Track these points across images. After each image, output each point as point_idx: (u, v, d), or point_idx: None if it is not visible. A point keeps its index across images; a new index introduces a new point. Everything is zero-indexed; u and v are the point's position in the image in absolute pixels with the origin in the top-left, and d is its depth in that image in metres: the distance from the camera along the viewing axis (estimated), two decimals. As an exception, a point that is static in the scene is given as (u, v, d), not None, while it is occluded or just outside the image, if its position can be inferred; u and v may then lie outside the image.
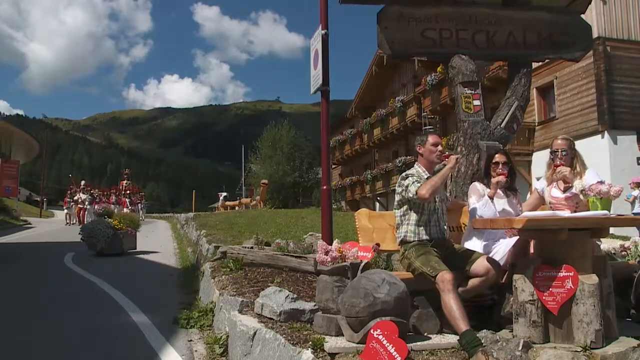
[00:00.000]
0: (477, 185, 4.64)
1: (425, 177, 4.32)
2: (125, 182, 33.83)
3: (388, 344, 3.14)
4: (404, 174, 4.37)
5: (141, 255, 12.75)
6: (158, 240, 17.28)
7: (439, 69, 24.65)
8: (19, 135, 53.48)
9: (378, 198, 34.11)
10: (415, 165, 4.51)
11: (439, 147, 4.43)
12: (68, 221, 28.08)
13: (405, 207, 4.31)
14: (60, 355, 4.70)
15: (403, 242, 4.25)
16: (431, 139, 4.46)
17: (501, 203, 4.49)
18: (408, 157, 28.91)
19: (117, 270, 10.27)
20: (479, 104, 5.70)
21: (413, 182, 4.19)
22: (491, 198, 4.41)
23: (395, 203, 4.41)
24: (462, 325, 3.41)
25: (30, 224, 27.40)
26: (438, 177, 4.17)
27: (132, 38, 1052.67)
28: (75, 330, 5.55)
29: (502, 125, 5.76)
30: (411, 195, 4.15)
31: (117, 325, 5.78)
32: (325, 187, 5.88)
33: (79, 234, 13.29)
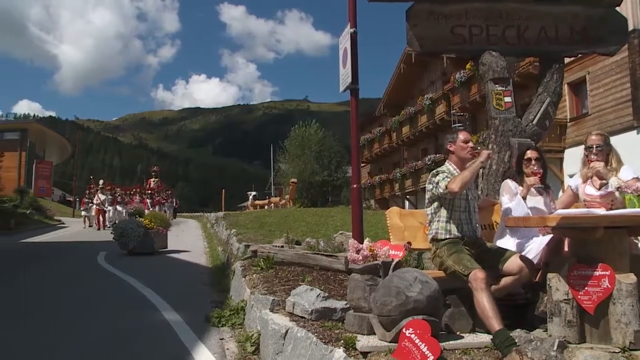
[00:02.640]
0: (510, 183, 4.59)
1: (457, 174, 4.27)
2: (153, 180, 33.82)
3: (420, 342, 3.12)
4: (434, 171, 4.34)
5: (172, 255, 12.89)
6: (188, 239, 17.43)
7: (467, 66, 24.40)
8: (52, 137, 54.49)
9: (407, 196, 33.95)
10: (445, 163, 4.45)
11: (470, 144, 4.38)
12: (85, 224, 26.25)
13: (436, 204, 4.27)
14: (95, 351, 4.77)
15: (434, 240, 4.22)
16: (462, 135, 4.40)
17: (534, 201, 4.43)
18: (437, 155, 28.68)
19: (149, 269, 10.39)
20: (510, 100, 5.63)
21: (443, 178, 4.16)
22: (524, 198, 4.35)
23: (426, 200, 4.37)
24: (496, 324, 3.37)
25: (63, 223, 27.87)
26: (468, 171, 4.13)
27: (160, 38, 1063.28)
28: (109, 328, 5.65)
29: (534, 122, 5.67)
30: (441, 191, 4.12)
31: (150, 323, 5.86)
32: (355, 186, 5.86)
33: (111, 233, 13.48)
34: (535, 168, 4.44)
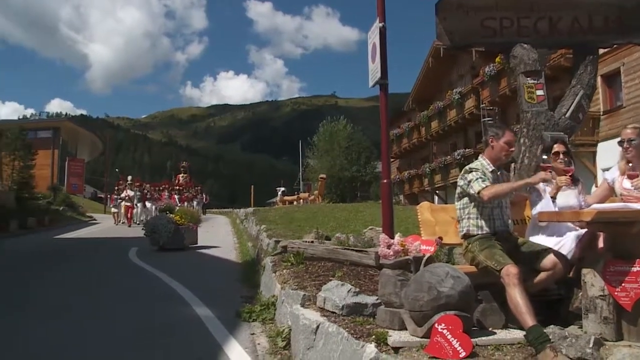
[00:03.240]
0: None
1: (490, 170, 4.23)
2: (182, 175, 33.89)
3: (452, 338, 3.09)
4: (468, 167, 4.29)
5: (202, 250, 13.00)
6: (218, 235, 17.58)
7: (497, 59, 24.15)
8: (84, 135, 55.30)
9: (437, 192, 33.75)
10: (480, 157, 4.39)
11: (512, 149, 4.33)
12: (116, 220, 25.92)
13: (465, 199, 4.23)
14: (127, 345, 4.84)
15: (466, 236, 4.18)
16: (507, 136, 4.30)
17: (564, 195, 4.35)
18: (467, 150, 28.48)
19: (180, 264, 10.50)
20: (542, 93, 5.54)
21: (477, 179, 4.09)
22: (553, 197, 4.28)
23: (457, 195, 4.33)
24: (529, 320, 3.32)
25: (95, 219, 28.28)
26: (508, 187, 4.10)
27: (188, 36, 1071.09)
28: (142, 321, 5.73)
29: (567, 115, 5.58)
30: (472, 192, 4.08)
31: (182, 317, 5.92)
32: (385, 181, 5.85)
33: (142, 229, 13.65)
34: (563, 163, 4.36)
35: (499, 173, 4.32)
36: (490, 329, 3.68)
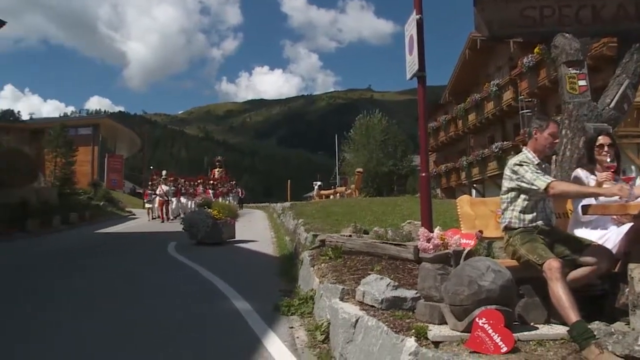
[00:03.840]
0: (580, 173, 4.41)
1: (536, 162, 4.11)
2: (217, 170, 33.94)
3: (494, 333, 3.05)
4: (516, 160, 4.17)
5: (240, 244, 13.10)
6: (255, 229, 17.70)
7: (536, 50, 23.71)
8: (122, 131, 56.15)
9: (474, 185, 33.39)
10: (524, 149, 4.28)
11: (556, 140, 4.23)
12: (150, 216, 25.68)
13: (514, 193, 4.14)
14: (168, 338, 4.91)
15: (507, 229, 4.12)
16: (551, 128, 4.19)
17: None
18: (505, 143, 28.08)
19: (218, 258, 10.60)
20: (585, 84, 5.43)
21: (533, 173, 3.97)
22: None
23: (504, 188, 4.23)
24: (573, 315, 3.25)
25: (134, 214, 28.72)
26: (575, 190, 4.01)
27: (223, 32, 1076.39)
28: (182, 314, 5.80)
29: (611, 106, 5.45)
30: (535, 188, 3.94)
31: (221, 310, 5.98)
32: (424, 174, 5.80)
33: (181, 223, 13.82)
34: (607, 158, 4.25)
35: (543, 166, 4.22)
36: (532, 324, 3.63)
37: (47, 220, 19.25)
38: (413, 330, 3.39)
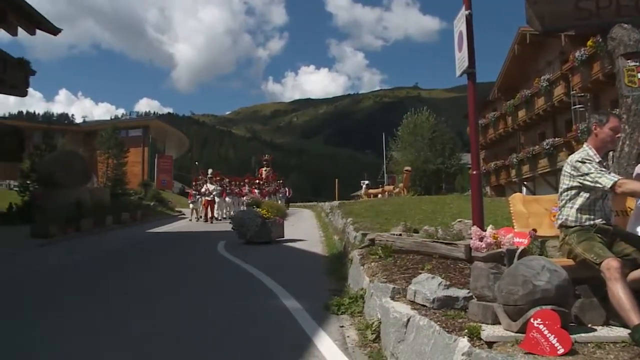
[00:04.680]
0: None
1: (597, 160, 3.97)
2: (264, 169, 33.99)
3: (549, 334, 2.99)
4: (578, 157, 4.03)
5: (289, 244, 13.17)
6: (304, 228, 17.76)
7: (588, 43, 23.11)
8: (171, 132, 57.19)
9: (525, 183, 32.81)
10: (584, 146, 4.14)
11: (618, 135, 4.07)
12: (193, 217, 25.11)
13: (573, 191, 4.02)
14: (220, 335, 4.98)
15: (563, 227, 4.01)
16: (612, 122, 4.04)
17: None
18: (556, 139, 27.50)
19: (267, 257, 10.68)
20: (644, 76, 5.25)
21: (596, 170, 3.86)
22: None
23: (563, 186, 4.11)
24: (634, 317, 3.15)
25: (183, 214, 29.12)
26: None
27: (269, 32, 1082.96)
28: (231, 313, 5.88)
29: (672, 99, 5.26)
30: (591, 184, 3.85)
31: (271, 309, 6.02)
32: (475, 172, 5.71)
33: (230, 223, 13.97)
34: None
35: (604, 164, 4.07)
36: (589, 325, 3.53)
37: (100, 220, 19.69)
38: (466, 330, 3.35)
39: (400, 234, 6.72)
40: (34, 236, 14.90)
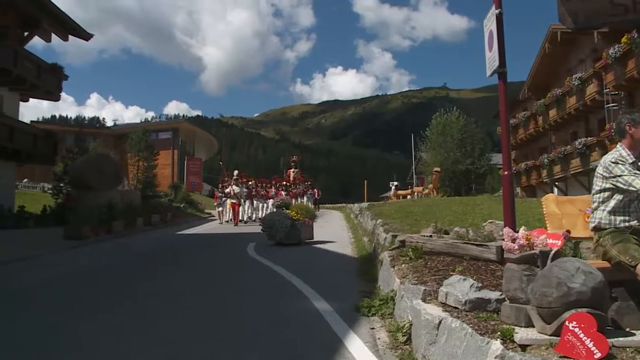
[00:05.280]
0: None
1: (630, 161, 3.89)
2: (292, 170, 33.87)
3: (585, 337, 2.93)
4: (611, 158, 3.96)
5: (318, 245, 13.17)
6: (333, 230, 17.75)
7: (623, 39, 22.63)
8: (201, 135, 57.63)
9: (556, 183, 32.34)
10: (618, 146, 4.05)
11: None
12: (220, 219, 24.87)
13: (607, 193, 3.94)
14: (251, 336, 5.01)
15: (597, 229, 3.95)
16: None
17: None
18: (589, 139, 27.03)
19: (296, 259, 10.69)
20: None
21: (630, 172, 3.79)
22: None
23: (596, 187, 4.04)
24: (673, 321, 3.08)
25: (213, 216, 29.29)
26: None
27: (296, 34, 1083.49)
28: (262, 314, 5.90)
29: None
30: (624, 187, 3.77)
31: (301, 310, 6.03)
32: (506, 173, 5.64)
33: (259, 225, 14.03)
34: None
35: (639, 164, 3.97)
36: (627, 329, 3.46)
37: (131, 222, 19.94)
38: (499, 333, 3.31)
39: (431, 236, 6.68)
40: (66, 238, 15.15)
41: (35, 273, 9.59)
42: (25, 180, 37.20)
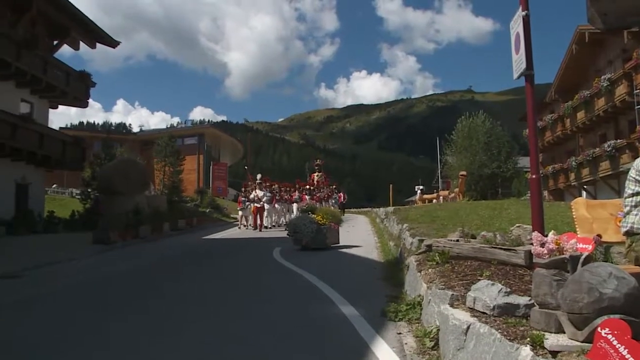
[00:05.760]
0: None
1: None
2: (316, 174, 33.83)
3: (619, 345, 2.86)
4: None
5: (344, 250, 13.16)
6: (359, 234, 17.72)
7: (654, 38, 22.31)
8: (226, 140, 58.05)
9: (585, 186, 31.91)
10: None
11: None
12: (243, 224, 24.68)
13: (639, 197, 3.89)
14: (278, 340, 5.02)
15: (629, 233, 3.88)
16: None
17: None
18: (618, 141, 26.65)
19: (323, 263, 10.70)
20: None
21: None
22: None
23: (628, 191, 3.98)
24: None
25: (238, 221, 29.44)
26: None
27: (320, 38, 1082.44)
28: (289, 318, 5.94)
29: None
30: None
31: (327, 315, 6.03)
32: (534, 176, 5.56)
33: (285, 229, 14.07)
34: None
35: None
36: (664, 337, 3.38)
37: (157, 226, 20.18)
38: (528, 339, 3.26)
39: (458, 240, 6.62)
40: (95, 242, 15.39)
41: (67, 276, 9.82)
42: (55, 185, 37.87)
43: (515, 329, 3.56)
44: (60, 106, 28.20)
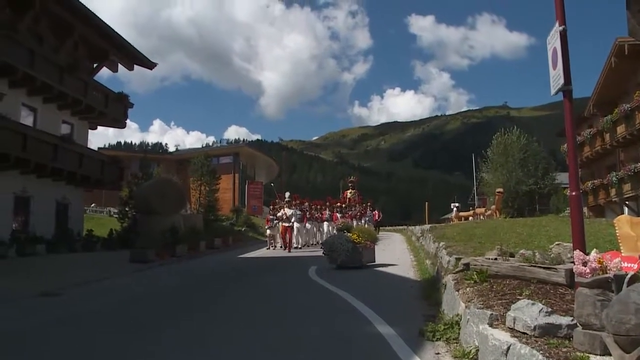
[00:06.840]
0: None
1: None
2: (349, 192, 33.61)
3: (668, 367, 2.77)
4: None
5: (380, 268, 13.09)
6: (394, 253, 17.62)
7: (696, 50, 21.80)
8: (261, 158, 58.40)
9: (627, 202, 31.15)
10: None
11: None
12: (271, 243, 23.98)
13: None
14: (317, 357, 5.04)
15: (676, 251, 3.77)
16: None
17: None
18: (661, 155, 26.04)
19: (358, 282, 10.64)
20: None
21: None
22: None
23: None
24: None
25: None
26: None
27: (353, 56, 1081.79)
28: (325, 338, 5.90)
29: None
30: None
31: (364, 334, 5.98)
32: (574, 193, 5.44)
33: (321, 247, 14.05)
34: None
35: None
36: None
37: (194, 245, 20.32)
38: (572, 361, 3.17)
39: (496, 258, 6.51)
40: (132, 261, 15.57)
41: (105, 295, 9.96)
42: (93, 204, 38.54)
43: (558, 350, 3.48)
44: (98, 127, 28.80)
